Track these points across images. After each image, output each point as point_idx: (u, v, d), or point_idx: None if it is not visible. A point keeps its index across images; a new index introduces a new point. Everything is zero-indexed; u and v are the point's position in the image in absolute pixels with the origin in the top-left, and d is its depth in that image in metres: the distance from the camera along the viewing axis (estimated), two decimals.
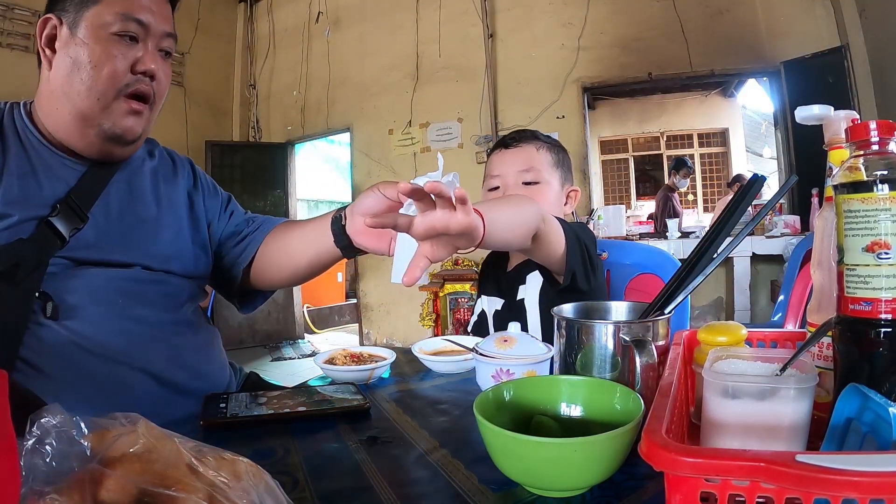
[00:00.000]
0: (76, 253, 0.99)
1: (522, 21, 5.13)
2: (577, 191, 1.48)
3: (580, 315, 0.87)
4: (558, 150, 1.44)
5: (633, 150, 9.70)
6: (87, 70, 0.98)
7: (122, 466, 0.41)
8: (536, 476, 0.59)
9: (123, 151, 1.08)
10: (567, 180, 1.45)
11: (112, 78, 0.99)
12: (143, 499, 0.40)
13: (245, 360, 5.36)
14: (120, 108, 1.01)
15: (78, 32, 0.99)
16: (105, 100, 0.99)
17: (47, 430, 0.42)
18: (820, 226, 0.71)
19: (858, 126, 0.59)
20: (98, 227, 1.03)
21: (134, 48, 1.01)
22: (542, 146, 1.42)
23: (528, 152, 1.40)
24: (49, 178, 1.02)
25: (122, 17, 0.99)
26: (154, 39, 1.03)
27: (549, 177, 1.40)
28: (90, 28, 0.98)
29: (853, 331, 0.58)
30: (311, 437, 0.80)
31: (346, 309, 7.74)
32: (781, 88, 4.43)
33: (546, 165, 1.40)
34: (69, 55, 0.99)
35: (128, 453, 0.42)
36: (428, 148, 5.47)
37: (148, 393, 0.99)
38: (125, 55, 1.00)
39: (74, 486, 0.39)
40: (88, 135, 1.02)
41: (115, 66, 0.99)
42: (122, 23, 0.99)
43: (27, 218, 0.96)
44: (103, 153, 1.05)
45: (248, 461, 0.47)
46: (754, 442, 0.58)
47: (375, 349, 1.19)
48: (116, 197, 1.08)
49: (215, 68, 6.31)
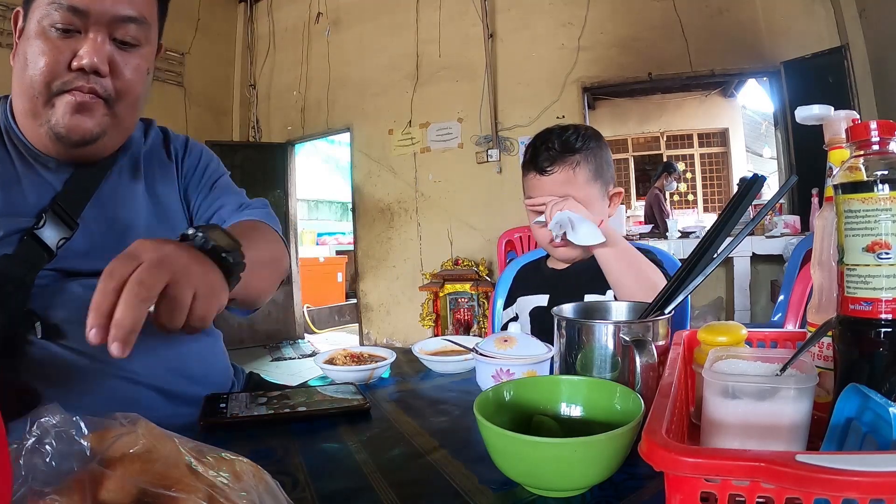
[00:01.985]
0: (66, 264, 0.94)
1: (522, 21, 5.13)
2: (619, 192, 1.42)
3: (580, 315, 0.87)
4: (596, 154, 1.36)
5: (633, 151, 9.70)
6: (27, 67, 0.90)
7: (122, 467, 0.41)
8: (536, 476, 0.59)
9: (83, 153, 0.98)
10: (609, 182, 1.39)
11: (44, 75, 0.88)
12: (143, 499, 0.40)
13: (245, 360, 5.37)
14: (62, 103, 0.90)
15: (28, 26, 0.91)
16: (41, 98, 0.90)
17: (47, 429, 0.42)
18: (820, 226, 0.71)
19: (858, 126, 0.59)
20: (91, 234, 0.98)
21: (74, 41, 0.89)
22: (578, 163, 1.33)
23: (563, 177, 1.33)
24: (34, 185, 0.96)
25: (56, 6, 0.87)
26: (101, 29, 0.89)
27: (588, 195, 1.33)
28: (32, 21, 0.90)
29: (853, 331, 0.58)
30: (311, 437, 0.80)
31: (346, 309, 7.74)
32: (781, 88, 4.43)
33: (584, 184, 1.33)
34: (20, 51, 0.92)
35: (128, 453, 0.43)
36: (428, 148, 5.47)
37: (151, 405, 0.94)
38: (60, 49, 0.88)
39: (75, 487, 0.39)
40: (40, 134, 0.94)
41: (45, 63, 0.88)
42: (55, 12, 0.87)
43: (12, 231, 0.90)
44: (63, 155, 0.97)
45: (248, 461, 0.47)
46: (754, 442, 0.58)
47: (375, 349, 1.19)
48: (109, 201, 1.02)
49: (215, 68, 6.31)
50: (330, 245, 9.48)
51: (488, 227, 5.07)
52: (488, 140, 5.18)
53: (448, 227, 5.39)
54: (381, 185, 5.76)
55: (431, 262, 5.41)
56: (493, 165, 5.13)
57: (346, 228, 9.78)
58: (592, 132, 1.40)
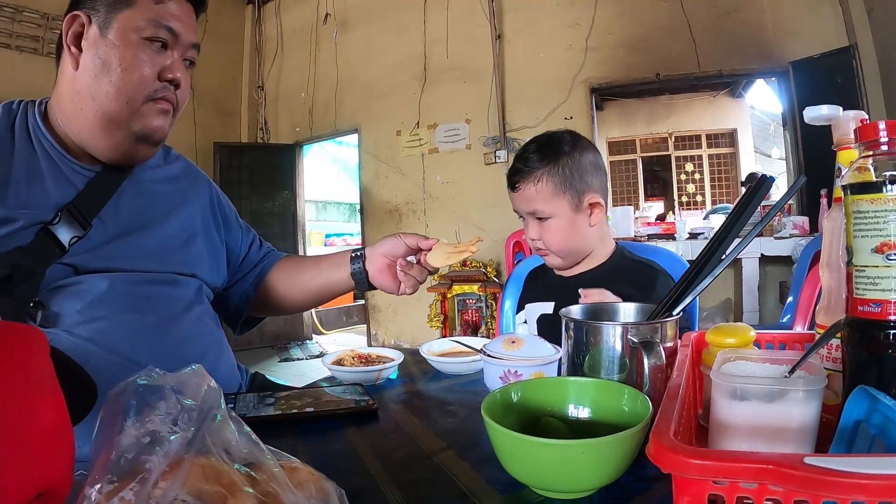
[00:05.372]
0: (79, 259, 0.98)
1: (530, 22, 5.13)
2: (598, 203, 1.37)
3: (588, 316, 0.87)
4: (565, 165, 1.33)
5: (641, 151, 9.68)
6: (117, 73, 0.97)
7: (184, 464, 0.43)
8: (544, 477, 0.59)
9: (148, 152, 1.08)
10: (581, 193, 1.34)
11: (140, 83, 0.99)
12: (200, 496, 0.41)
13: (253, 360, 5.38)
14: (150, 109, 1.01)
15: (108, 34, 0.97)
16: (133, 104, 0.99)
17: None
18: (829, 227, 0.71)
19: (867, 126, 0.58)
20: (107, 231, 1.03)
21: (162, 55, 1.01)
22: (540, 178, 1.33)
23: (527, 193, 1.35)
24: (58, 182, 1.01)
25: (154, 23, 0.99)
26: (181, 48, 1.04)
27: (555, 208, 1.34)
28: (121, 30, 0.97)
29: (862, 332, 0.57)
30: (318, 437, 0.81)
31: (354, 310, 7.75)
32: (790, 88, 4.40)
33: (548, 198, 1.33)
34: (98, 56, 0.98)
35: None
36: (436, 149, 5.47)
37: None
38: (154, 61, 1.00)
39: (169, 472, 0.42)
40: (115, 136, 1.01)
41: (143, 72, 0.99)
42: (154, 28, 0.99)
43: (31, 223, 0.95)
44: (127, 155, 1.05)
45: (309, 468, 0.49)
46: (762, 444, 0.57)
47: (383, 350, 1.20)
48: (128, 201, 1.08)
49: (223, 70, 6.34)
50: (338, 246, 9.49)
51: (496, 229, 5.06)
52: (496, 141, 5.17)
53: (456, 228, 5.38)
54: (389, 187, 5.76)
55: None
56: (502, 166, 5.12)
57: (354, 230, 9.79)
58: (569, 138, 1.38)
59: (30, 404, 0.42)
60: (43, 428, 0.42)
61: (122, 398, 0.45)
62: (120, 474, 0.41)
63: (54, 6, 4.52)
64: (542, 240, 1.38)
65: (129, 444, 0.43)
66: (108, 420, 0.45)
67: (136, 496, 0.39)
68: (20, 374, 0.42)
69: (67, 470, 0.45)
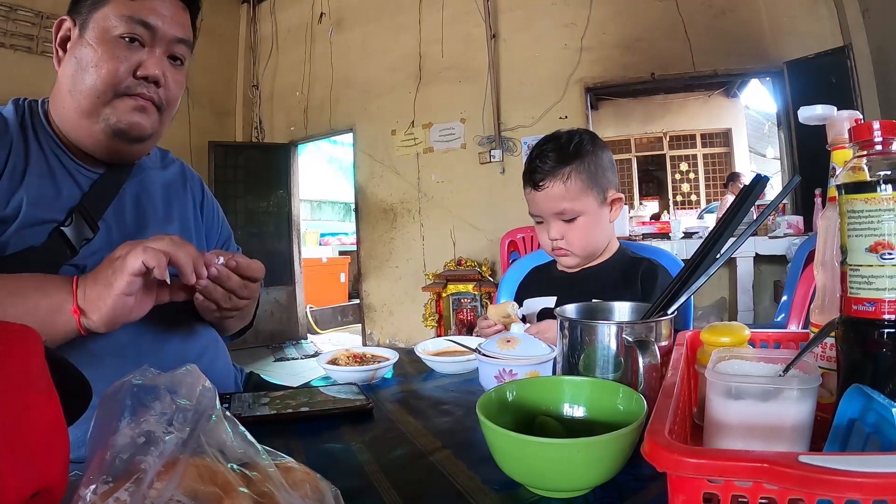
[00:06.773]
0: (86, 261, 0.98)
1: (525, 22, 5.13)
2: (619, 199, 1.41)
3: (583, 315, 0.87)
4: (590, 161, 1.34)
5: (636, 151, 9.71)
6: (89, 70, 0.98)
7: (179, 464, 0.42)
8: (539, 477, 0.59)
9: (132, 150, 1.07)
10: (605, 189, 1.37)
11: (109, 78, 0.97)
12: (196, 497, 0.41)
13: (248, 360, 5.38)
14: (124, 104, 1.00)
15: (85, 34, 0.99)
16: (104, 97, 0.98)
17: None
18: (823, 226, 0.71)
19: (862, 126, 0.59)
20: (110, 234, 1.03)
21: (138, 52, 1.00)
22: (569, 175, 1.33)
23: (555, 191, 1.34)
24: (66, 181, 1.02)
25: (127, 19, 0.98)
26: (162, 44, 1.02)
27: (583, 205, 1.34)
28: (97, 30, 0.98)
29: (856, 331, 0.58)
30: (314, 437, 0.81)
31: (348, 309, 7.75)
32: (784, 88, 4.42)
33: (577, 195, 1.34)
34: (75, 55, 0.99)
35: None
36: (431, 148, 5.47)
37: None
38: (127, 58, 0.98)
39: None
40: (95, 131, 1.01)
41: (114, 68, 0.97)
42: (128, 25, 0.98)
43: (44, 220, 0.96)
44: (112, 151, 1.04)
45: (305, 468, 0.49)
46: (757, 443, 0.58)
47: (378, 349, 1.20)
48: (129, 203, 1.09)
49: (218, 69, 6.33)
50: (333, 245, 9.49)
51: (491, 228, 5.07)
52: (491, 140, 5.18)
53: (451, 227, 5.39)
54: (384, 186, 5.76)
55: (434, 262, 5.42)
56: (497, 166, 5.13)
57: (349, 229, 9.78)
58: (588, 137, 1.39)
59: (25, 404, 0.42)
60: (38, 428, 0.42)
61: (117, 398, 0.45)
62: (115, 475, 0.41)
63: (49, 5, 4.51)
64: (566, 239, 1.37)
65: (124, 444, 0.43)
66: (104, 420, 0.45)
67: (131, 497, 0.39)
68: (15, 373, 0.42)
69: (63, 470, 0.45)
